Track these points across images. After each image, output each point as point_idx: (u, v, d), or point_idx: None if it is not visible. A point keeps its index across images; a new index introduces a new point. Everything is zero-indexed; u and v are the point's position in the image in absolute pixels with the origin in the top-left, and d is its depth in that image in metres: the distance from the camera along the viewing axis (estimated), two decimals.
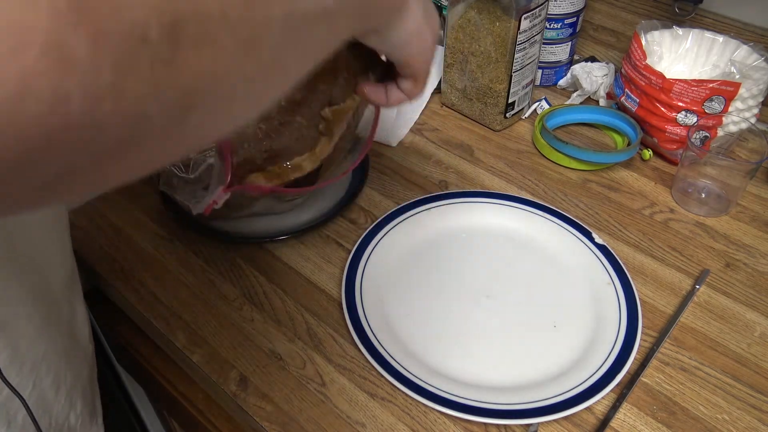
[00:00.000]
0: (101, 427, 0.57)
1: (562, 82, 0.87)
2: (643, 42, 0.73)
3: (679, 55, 0.77)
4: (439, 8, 0.89)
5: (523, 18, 0.70)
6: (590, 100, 0.85)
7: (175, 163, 0.67)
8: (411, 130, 0.80)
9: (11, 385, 0.42)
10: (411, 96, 0.49)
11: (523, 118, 0.83)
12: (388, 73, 0.51)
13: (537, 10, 0.71)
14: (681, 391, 0.53)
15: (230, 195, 0.58)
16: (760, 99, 0.69)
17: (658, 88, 0.70)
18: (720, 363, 0.55)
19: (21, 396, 0.43)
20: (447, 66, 0.80)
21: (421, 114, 0.83)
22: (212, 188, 0.60)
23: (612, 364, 0.54)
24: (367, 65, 0.52)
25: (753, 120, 0.70)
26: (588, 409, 0.52)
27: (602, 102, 0.83)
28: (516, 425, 0.51)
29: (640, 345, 0.55)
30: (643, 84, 0.72)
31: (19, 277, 0.43)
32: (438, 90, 0.85)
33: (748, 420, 0.51)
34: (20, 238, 0.44)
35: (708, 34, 0.75)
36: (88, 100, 0.15)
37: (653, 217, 0.69)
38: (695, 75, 0.76)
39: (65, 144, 0.16)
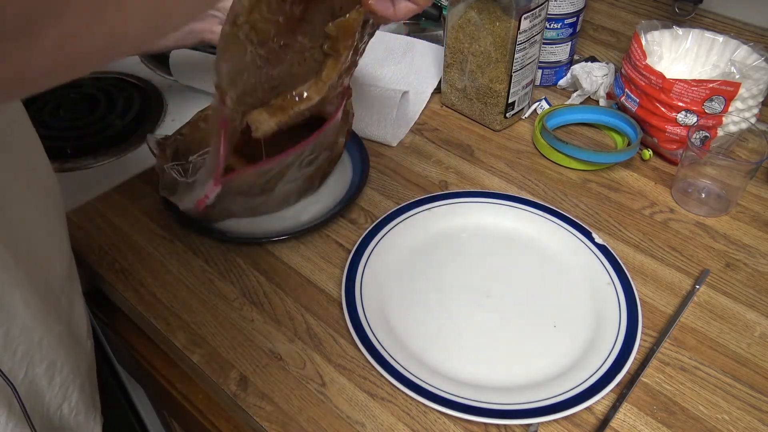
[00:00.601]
0: (99, 424, 0.57)
1: (562, 82, 0.87)
2: (643, 42, 0.73)
3: (679, 55, 0.77)
4: (439, 8, 0.89)
5: (523, 18, 0.70)
6: (590, 100, 0.85)
7: (174, 168, 0.67)
8: (411, 130, 0.80)
9: (2, 372, 0.42)
10: (419, 3, 0.45)
11: (523, 118, 0.83)
12: None
13: (537, 10, 0.71)
14: (681, 391, 0.53)
15: (222, 186, 0.57)
16: (760, 99, 0.69)
17: (658, 88, 0.70)
18: (720, 363, 0.55)
19: (12, 384, 0.43)
20: (447, 66, 0.80)
21: (421, 114, 0.83)
22: (201, 181, 0.59)
23: (612, 364, 0.54)
24: None
25: (753, 120, 0.70)
26: (588, 409, 0.52)
27: (602, 102, 0.83)
28: (516, 425, 0.51)
29: (640, 345, 0.55)
30: (643, 84, 0.72)
31: (17, 263, 0.43)
32: (438, 90, 0.85)
33: (748, 420, 0.51)
34: (19, 227, 0.45)
35: (708, 34, 0.75)
36: None
37: (653, 217, 0.69)
38: (695, 75, 0.76)
39: None
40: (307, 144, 0.61)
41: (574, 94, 0.85)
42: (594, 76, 0.83)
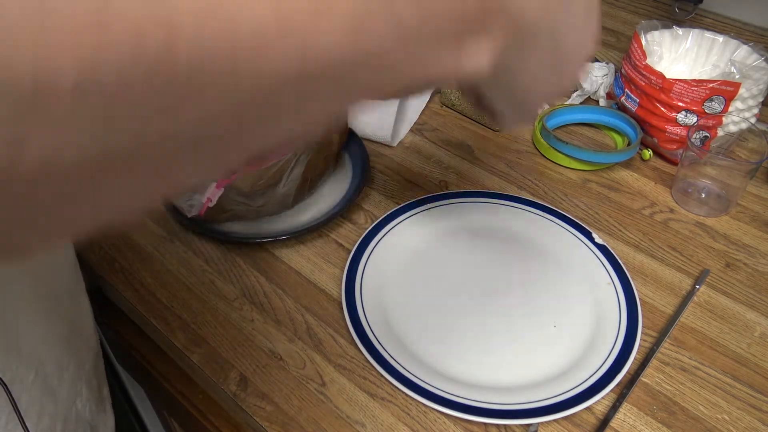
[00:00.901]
0: (110, 415, 0.57)
1: None
2: (643, 42, 0.73)
3: (679, 55, 0.77)
4: None
5: None
6: (590, 100, 0.85)
7: None
8: (411, 130, 0.80)
9: None
10: (503, 127, 0.39)
11: None
12: None
13: None
14: (681, 391, 0.53)
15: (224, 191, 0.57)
16: (760, 99, 0.69)
17: (658, 88, 0.70)
18: (720, 363, 0.55)
19: (5, 385, 0.43)
20: None
21: (421, 114, 0.83)
22: (203, 187, 0.59)
23: (612, 364, 0.54)
24: None
25: (753, 120, 0.70)
26: (588, 409, 0.52)
27: (602, 102, 0.83)
28: (516, 425, 0.51)
29: (640, 345, 0.55)
30: (643, 84, 0.72)
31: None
32: (438, 90, 0.85)
33: (748, 420, 0.51)
34: None
35: (708, 34, 0.75)
36: None
37: (653, 217, 0.69)
38: (695, 75, 0.76)
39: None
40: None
41: (574, 94, 0.85)
42: (594, 76, 0.83)
